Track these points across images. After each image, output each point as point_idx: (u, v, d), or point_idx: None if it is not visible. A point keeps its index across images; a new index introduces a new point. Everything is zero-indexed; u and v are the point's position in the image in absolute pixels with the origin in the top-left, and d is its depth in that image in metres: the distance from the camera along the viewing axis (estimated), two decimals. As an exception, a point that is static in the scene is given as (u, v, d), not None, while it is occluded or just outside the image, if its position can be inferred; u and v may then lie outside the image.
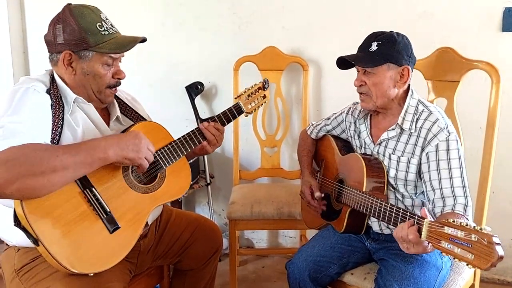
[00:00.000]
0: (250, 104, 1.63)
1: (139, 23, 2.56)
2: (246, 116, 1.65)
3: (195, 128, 1.51)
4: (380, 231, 1.50)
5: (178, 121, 2.59)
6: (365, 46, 1.42)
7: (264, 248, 2.73)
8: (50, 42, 1.32)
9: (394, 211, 1.25)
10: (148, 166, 1.31)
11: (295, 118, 2.47)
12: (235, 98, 1.62)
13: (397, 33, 1.42)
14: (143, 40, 1.37)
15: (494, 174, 1.60)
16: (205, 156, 2.54)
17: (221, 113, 1.57)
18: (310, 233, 2.34)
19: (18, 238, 1.27)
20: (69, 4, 1.32)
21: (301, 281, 1.53)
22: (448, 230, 1.03)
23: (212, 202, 2.61)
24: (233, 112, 1.58)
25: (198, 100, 2.53)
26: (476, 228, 0.98)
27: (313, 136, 1.80)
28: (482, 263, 0.96)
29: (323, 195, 1.63)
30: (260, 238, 2.72)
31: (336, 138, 1.71)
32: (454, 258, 1.02)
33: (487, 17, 2.08)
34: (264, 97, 1.67)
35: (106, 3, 2.55)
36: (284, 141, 2.44)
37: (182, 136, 1.47)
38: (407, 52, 1.41)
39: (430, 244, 1.11)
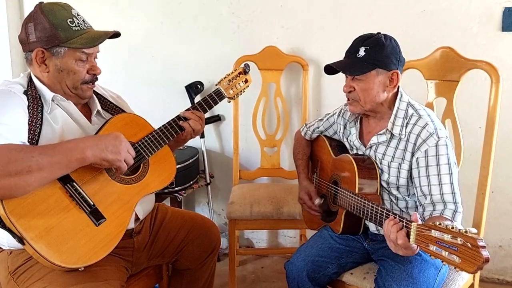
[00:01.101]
0: (232, 89, 1.62)
1: (138, 23, 2.56)
2: (229, 101, 1.64)
3: (175, 116, 1.50)
4: (377, 232, 1.50)
5: (177, 121, 2.59)
6: (352, 51, 1.41)
7: (264, 248, 2.73)
8: (24, 41, 1.32)
9: (384, 214, 1.25)
10: (126, 169, 1.29)
11: (295, 118, 2.47)
12: (216, 85, 1.61)
13: (385, 36, 1.40)
14: (116, 34, 1.36)
15: (493, 174, 1.60)
16: (205, 156, 2.54)
17: (202, 99, 1.56)
18: (310, 233, 2.34)
19: (9, 241, 1.27)
20: (40, 3, 1.33)
21: (299, 281, 1.53)
22: (435, 233, 1.03)
23: (211, 202, 2.61)
24: (214, 98, 1.57)
25: (198, 99, 2.52)
26: (461, 231, 0.98)
27: (307, 137, 1.80)
28: (468, 266, 0.96)
29: (322, 201, 1.62)
30: (259, 238, 2.72)
31: (330, 138, 1.71)
32: (442, 262, 1.02)
33: (487, 17, 2.08)
34: (246, 81, 1.65)
35: (106, 3, 2.57)
36: (284, 141, 2.44)
37: (162, 125, 1.46)
38: (395, 56, 1.39)
39: (418, 247, 1.11)
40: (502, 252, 2.29)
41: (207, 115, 2.54)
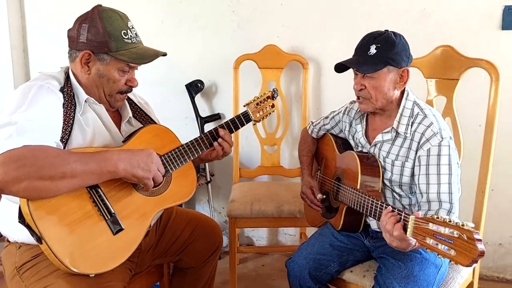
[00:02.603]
0: (259, 112, 1.62)
1: (139, 21, 2.54)
2: (254, 124, 1.64)
3: (204, 134, 1.49)
4: (378, 229, 1.50)
5: (178, 120, 2.60)
6: (363, 49, 1.40)
7: (264, 246, 2.73)
8: (73, 38, 1.32)
9: (384, 208, 1.24)
10: (152, 186, 1.30)
11: (295, 117, 2.47)
12: (244, 106, 1.61)
13: (394, 34, 1.40)
14: (164, 55, 1.38)
15: (493, 172, 1.60)
16: (205, 154, 2.54)
17: (230, 120, 1.55)
18: (310, 231, 2.35)
19: (19, 235, 1.28)
20: (99, 5, 1.33)
21: (301, 279, 1.53)
22: (432, 226, 1.04)
23: (212, 200, 2.61)
24: (242, 120, 1.57)
25: (198, 98, 2.54)
26: (458, 224, 0.99)
27: (313, 135, 1.80)
28: (463, 259, 0.97)
29: (324, 196, 1.63)
30: (260, 236, 2.73)
31: (336, 136, 1.72)
32: (438, 255, 1.02)
33: (487, 15, 2.08)
34: (273, 106, 1.66)
35: (106, 2, 2.56)
36: (284, 139, 2.44)
37: (190, 141, 1.46)
38: (405, 53, 1.40)
39: (416, 241, 1.11)
40: (502, 250, 2.30)
41: (207, 113, 2.57)
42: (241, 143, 2.46)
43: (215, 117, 2.54)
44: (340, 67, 1.45)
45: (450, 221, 1.01)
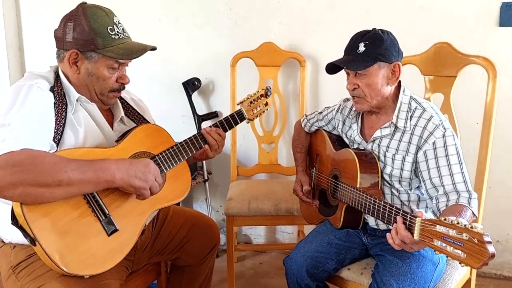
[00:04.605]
0: (252, 111, 1.63)
1: (136, 19, 2.54)
2: (248, 123, 1.65)
3: (197, 133, 1.49)
4: (376, 227, 1.51)
5: (175, 118, 2.59)
6: (352, 48, 1.41)
7: (262, 244, 2.73)
8: (59, 38, 1.31)
9: (387, 209, 1.25)
10: (149, 197, 1.29)
11: (292, 114, 2.47)
12: (238, 104, 1.62)
13: (381, 31, 1.41)
14: (153, 49, 1.36)
15: (490, 169, 1.60)
16: (203, 153, 2.54)
17: (223, 118, 1.56)
18: (308, 229, 2.34)
19: (14, 236, 1.27)
20: (83, 3, 1.31)
21: (298, 277, 1.53)
22: (440, 228, 1.03)
23: (209, 199, 2.61)
24: (235, 119, 1.58)
25: (195, 96, 2.53)
26: (467, 226, 0.98)
27: (306, 129, 1.80)
28: (474, 262, 0.97)
29: (309, 188, 1.65)
30: (258, 234, 2.73)
31: (329, 133, 1.72)
32: (447, 257, 1.02)
33: (485, 12, 2.08)
34: (266, 104, 1.67)
35: (104, 0, 2.55)
36: (282, 137, 2.44)
37: (183, 140, 1.46)
38: (394, 48, 1.40)
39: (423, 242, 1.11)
40: (500, 247, 2.30)
41: (204, 111, 2.57)
42: (239, 141, 2.45)
43: (212, 115, 2.53)
44: (332, 69, 1.46)
45: (458, 223, 1.00)
